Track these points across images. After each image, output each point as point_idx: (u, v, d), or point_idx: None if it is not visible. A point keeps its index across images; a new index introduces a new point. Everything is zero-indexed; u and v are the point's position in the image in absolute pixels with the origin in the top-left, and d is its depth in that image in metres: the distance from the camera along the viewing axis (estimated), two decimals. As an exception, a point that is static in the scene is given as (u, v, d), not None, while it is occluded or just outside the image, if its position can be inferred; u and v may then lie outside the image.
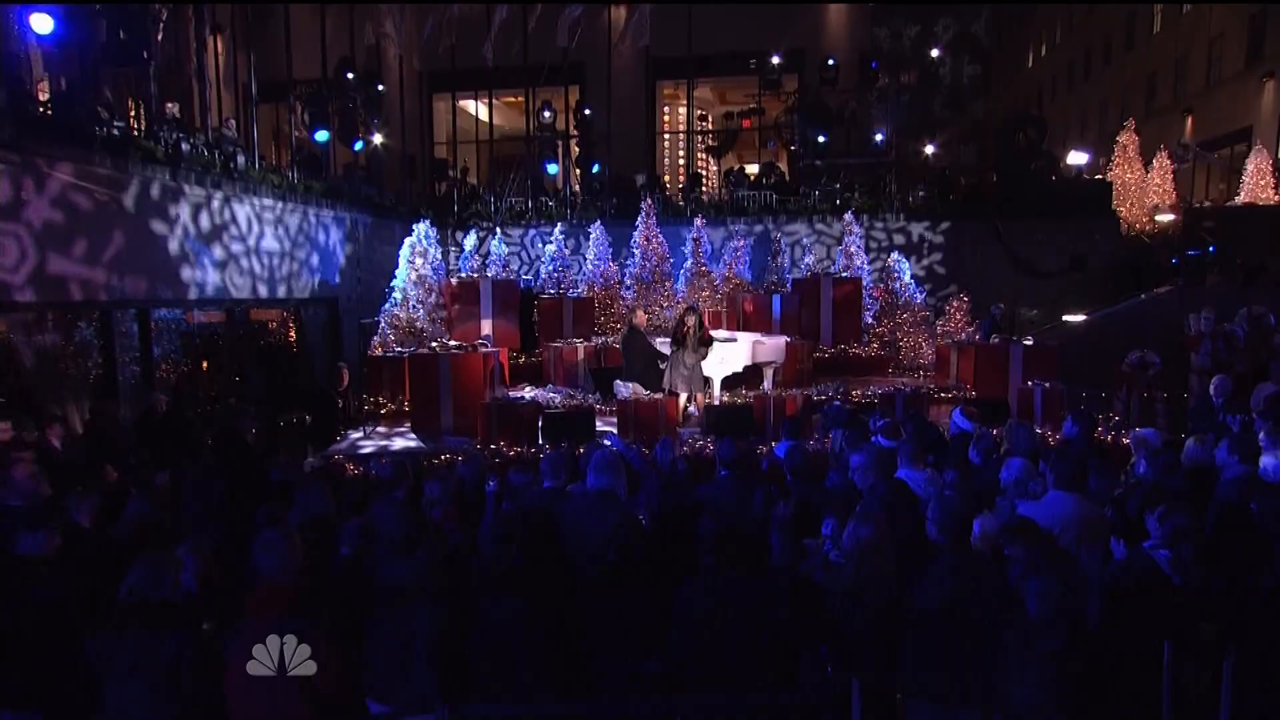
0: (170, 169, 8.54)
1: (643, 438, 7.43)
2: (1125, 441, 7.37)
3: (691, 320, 7.95)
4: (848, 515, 3.47)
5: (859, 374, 11.13)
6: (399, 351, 9.10)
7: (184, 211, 8.80)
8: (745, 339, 8.74)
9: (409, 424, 8.42)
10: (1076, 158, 16.62)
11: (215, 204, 9.17)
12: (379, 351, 9.66)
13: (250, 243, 9.75)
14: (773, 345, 9.06)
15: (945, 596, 2.95)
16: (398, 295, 10.42)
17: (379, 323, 10.34)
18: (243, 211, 9.62)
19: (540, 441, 7.35)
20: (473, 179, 19.46)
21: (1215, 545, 3.43)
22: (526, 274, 14.53)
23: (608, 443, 5.31)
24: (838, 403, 6.35)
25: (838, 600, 3.21)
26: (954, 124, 20.37)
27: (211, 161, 9.14)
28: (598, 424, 7.98)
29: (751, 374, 8.99)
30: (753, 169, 18.91)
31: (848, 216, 13.25)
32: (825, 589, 3.34)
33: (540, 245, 14.80)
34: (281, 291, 10.27)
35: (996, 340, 9.06)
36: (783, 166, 19.45)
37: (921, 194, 15.11)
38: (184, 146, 8.71)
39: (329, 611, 2.97)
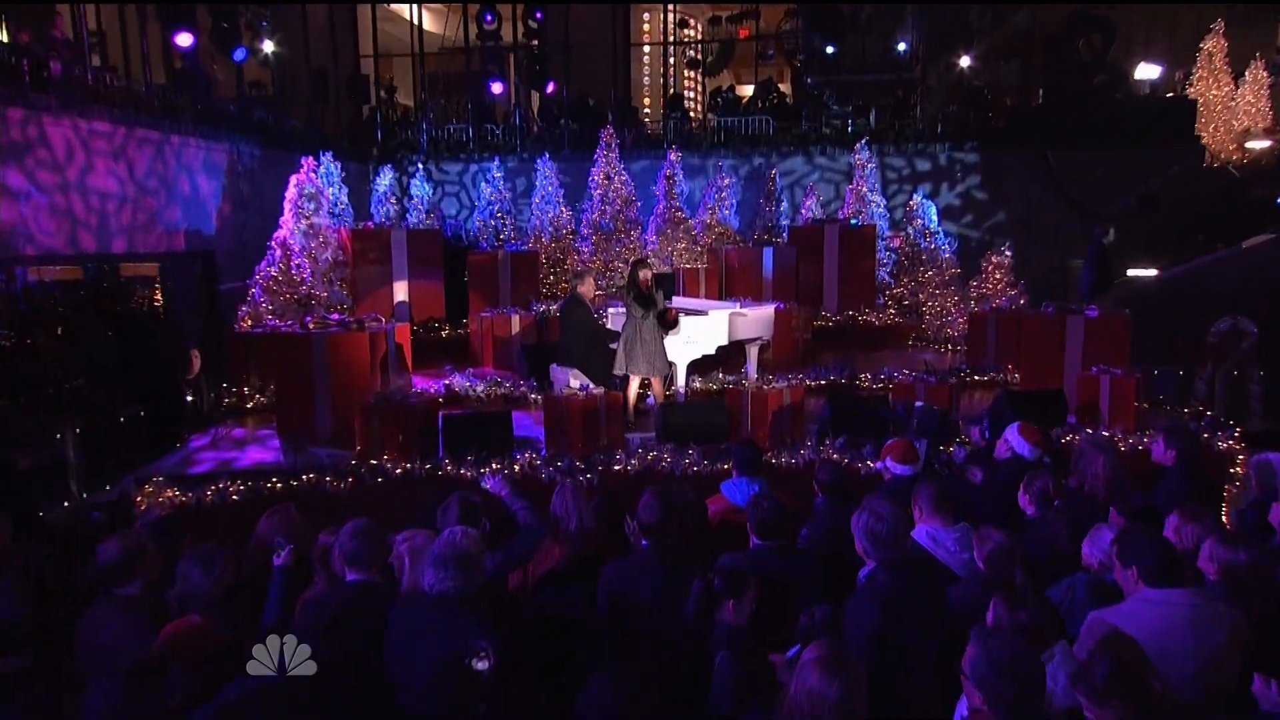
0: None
1: (575, 453, 6.27)
2: (1220, 446, 6.30)
3: (649, 273, 6.97)
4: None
5: (870, 348, 10.28)
6: (271, 326, 7.87)
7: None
8: (718, 311, 7.62)
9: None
10: (1146, 71, 15.22)
11: (18, 127, 7.78)
12: (247, 325, 8.44)
13: (70, 178, 8.37)
14: (758, 316, 8.00)
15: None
16: (278, 250, 9.16)
17: (249, 287, 9.03)
18: (60, 136, 8.22)
19: (440, 455, 6.22)
20: (404, 100, 18.11)
21: None
22: (469, 221, 13.46)
23: (488, 485, 4.09)
24: (920, 404, 5.24)
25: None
26: (993, 34, 18.96)
27: (16, 70, 7.74)
28: (532, 426, 7.00)
29: (732, 352, 7.97)
30: (749, 91, 17.74)
31: (860, 147, 12.19)
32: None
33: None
34: (120, 245, 8.93)
35: (1049, 309, 7.89)
36: (785, 88, 18.26)
37: (952, 115, 14.12)
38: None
39: None
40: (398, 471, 6.11)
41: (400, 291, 10.46)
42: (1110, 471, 4.34)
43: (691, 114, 17.74)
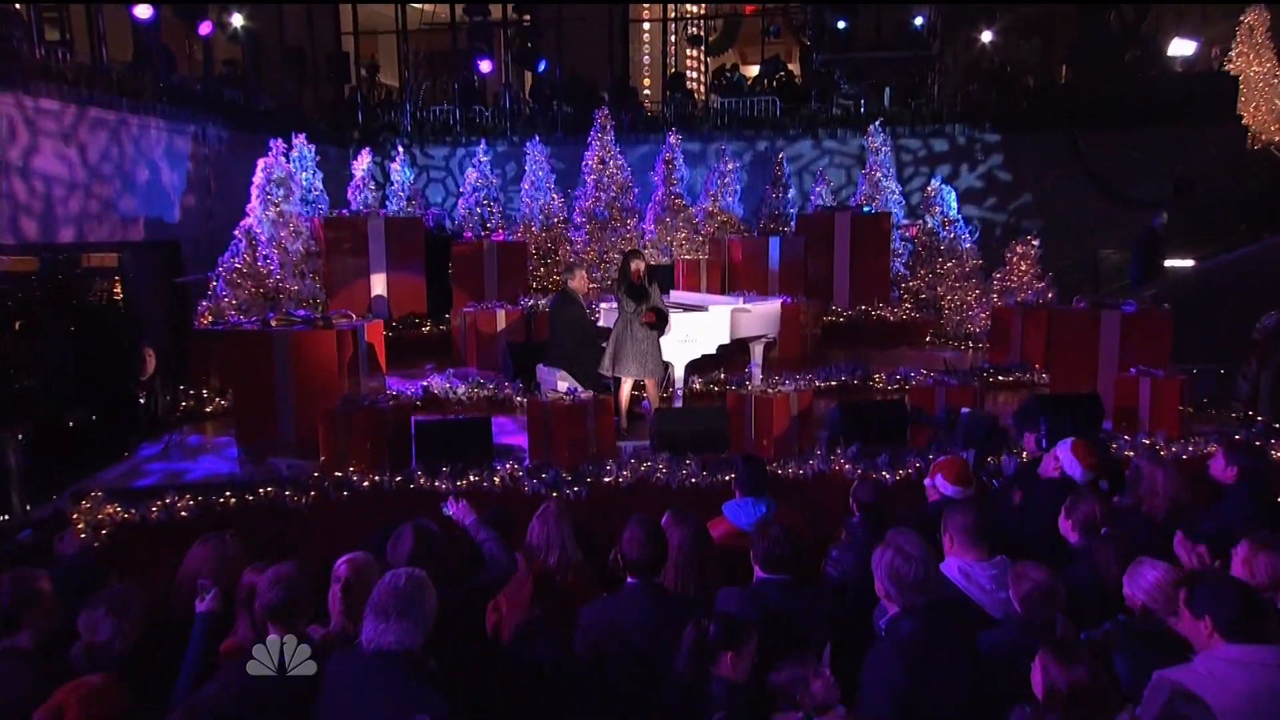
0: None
1: (562, 463, 5.97)
2: (1276, 456, 5.92)
3: (642, 264, 6.68)
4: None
5: (884, 346, 10.07)
6: (234, 322, 7.57)
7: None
8: (720, 307, 7.28)
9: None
10: (1180, 47, 14.80)
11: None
12: (207, 321, 8.10)
13: (11, 158, 8.01)
14: (763, 312, 7.64)
15: None
16: (243, 240, 8.90)
17: (211, 280, 8.69)
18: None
19: (413, 466, 5.90)
20: (387, 80, 17.79)
21: None
22: (455, 209, 13.15)
23: (450, 512, 3.72)
24: (967, 410, 4.89)
25: None
26: (1015, 8, 18.69)
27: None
28: (518, 432, 6.71)
29: (735, 350, 7.67)
30: (755, 71, 17.51)
31: (873, 130, 11.84)
32: None
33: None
34: (68, 234, 8.59)
35: (1082, 303, 7.53)
36: (794, 68, 17.93)
37: (972, 95, 13.84)
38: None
39: None
40: (365, 484, 5.77)
41: (378, 285, 10.16)
42: (1172, 490, 3.98)
43: (694, 94, 17.33)
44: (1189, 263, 10.80)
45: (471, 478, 5.83)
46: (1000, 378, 8.38)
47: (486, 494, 5.71)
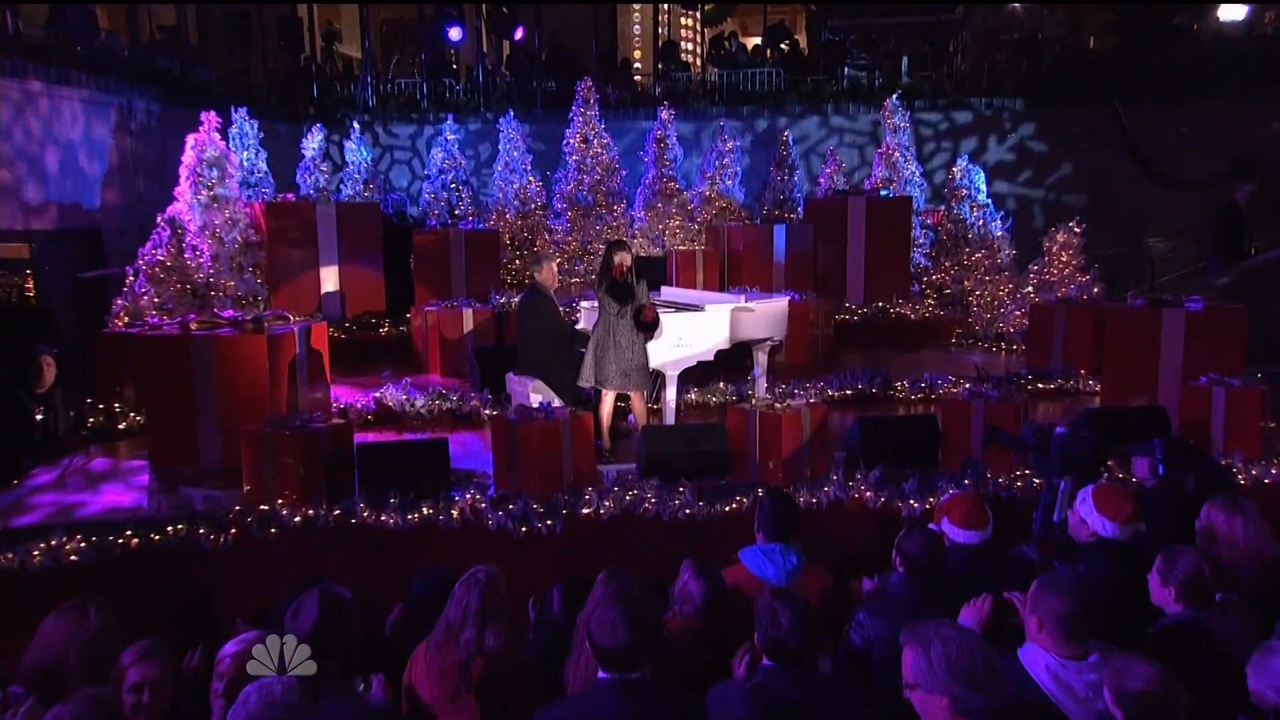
0: None
1: (532, 491, 5.50)
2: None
3: (627, 257, 6.24)
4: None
5: (905, 348, 9.73)
6: (153, 324, 7.10)
7: None
8: (718, 306, 6.84)
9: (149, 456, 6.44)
10: (1230, 11, 14.43)
11: None
12: (121, 323, 7.59)
13: None
14: (768, 312, 7.19)
15: None
16: (167, 229, 8.45)
17: (128, 275, 8.22)
18: None
19: (355, 498, 5.40)
20: (348, 51, 17.36)
21: None
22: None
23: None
24: (1062, 429, 4.37)
25: None
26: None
27: None
28: (485, 451, 6.32)
29: (736, 354, 7.25)
30: (757, 41, 17.30)
31: (891, 103, 11.57)
32: None
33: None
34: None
35: (1138, 300, 7.04)
36: (801, 38, 17.83)
37: (1000, 64, 13.68)
38: None
39: None
40: (296, 520, 5.28)
41: (329, 280, 9.81)
42: (1257, 541, 3.45)
43: (689, 67, 17.04)
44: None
45: (425, 511, 5.37)
46: (1039, 385, 7.98)
47: (443, 531, 5.33)
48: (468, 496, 5.45)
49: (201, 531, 5.09)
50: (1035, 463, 5.09)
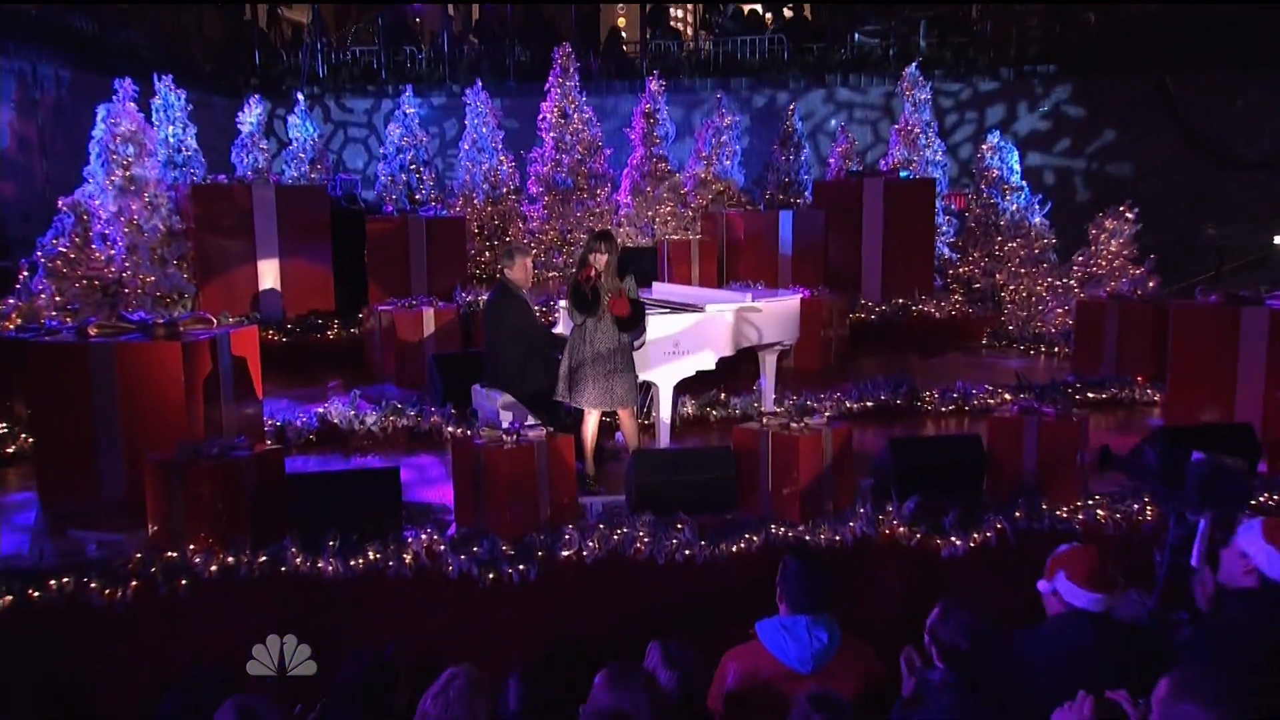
0: None
1: (502, 530, 5.11)
2: None
3: (602, 259, 5.85)
4: None
5: (929, 351, 9.76)
6: (50, 327, 6.84)
7: None
8: (719, 305, 6.57)
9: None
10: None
11: None
12: (13, 325, 7.39)
13: None
14: (778, 312, 6.94)
15: None
16: (71, 215, 8.27)
17: (22, 269, 8.03)
18: None
19: (285, 541, 4.93)
20: (295, 16, 17.52)
21: None
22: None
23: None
24: (1201, 456, 3.91)
25: None
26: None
27: None
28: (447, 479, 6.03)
29: (736, 359, 7.04)
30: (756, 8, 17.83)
31: (911, 72, 11.59)
32: None
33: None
34: None
35: (1210, 296, 6.66)
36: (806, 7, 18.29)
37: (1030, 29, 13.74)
38: None
39: None
40: (212, 568, 4.78)
41: (267, 275, 9.58)
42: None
43: (681, 35, 17.35)
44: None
45: (372, 555, 4.90)
46: (1090, 395, 7.74)
47: (393, 580, 4.88)
48: (423, 537, 4.99)
49: (93, 585, 4.58)
50: (1161, 493, 4.65)
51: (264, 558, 4.83)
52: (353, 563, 4.84)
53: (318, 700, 3.40)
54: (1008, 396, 7.41)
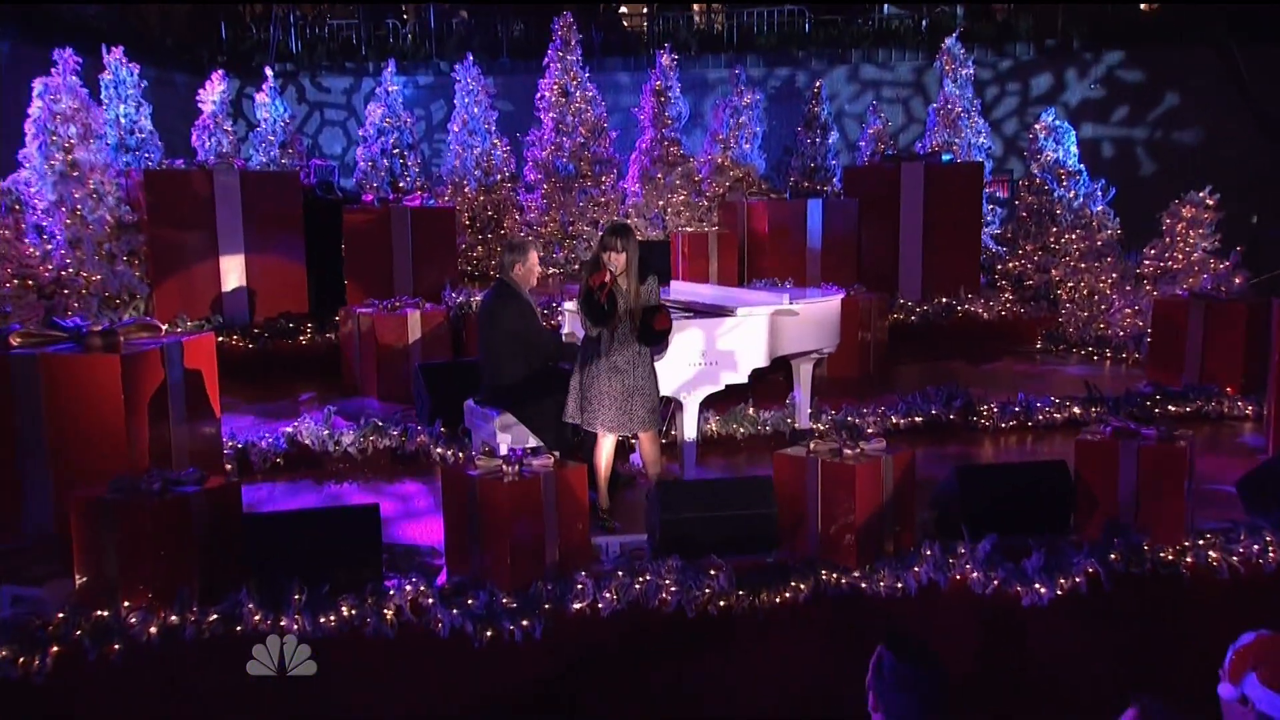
0: None
1: (501, 579, 4.82)
2: None
3: (620, 258, 5.56)
4: None
5: (977, 357, 9.59)
6: None
7: None
8: (751, 309, 6.39)
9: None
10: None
11: None
12: None
13: None
14: (815, 315, 6.77)
15: None
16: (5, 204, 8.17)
17: None
18: None
19: (242, 593, 4.63)
20: None
21: None
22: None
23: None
24: None
25: None
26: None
27: None
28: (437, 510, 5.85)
29: (767, 370, 6.85)
30: None
31: (950, 44, 11.46)
32: None
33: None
34: None
35: None
36: None
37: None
38: None
39: None
40: (152, 630, 4.44)
41: (232, 272, 9.46)
42: None
43: (692, 6, 17.38)
44: None
45: (346, 611, 4.59)
46: (1171, 408, 7.39)
47: (372, 640, 4.57)
48: (408, 588, 4.67)
49: (4, 654, 4.21)
50: None
51: (215, 616, 4.49)
52: (323, 620, 4.52)
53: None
54: (1077, 410, 7.14)
